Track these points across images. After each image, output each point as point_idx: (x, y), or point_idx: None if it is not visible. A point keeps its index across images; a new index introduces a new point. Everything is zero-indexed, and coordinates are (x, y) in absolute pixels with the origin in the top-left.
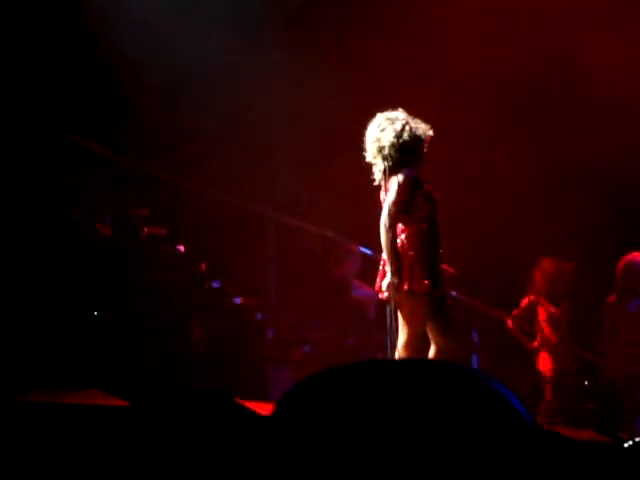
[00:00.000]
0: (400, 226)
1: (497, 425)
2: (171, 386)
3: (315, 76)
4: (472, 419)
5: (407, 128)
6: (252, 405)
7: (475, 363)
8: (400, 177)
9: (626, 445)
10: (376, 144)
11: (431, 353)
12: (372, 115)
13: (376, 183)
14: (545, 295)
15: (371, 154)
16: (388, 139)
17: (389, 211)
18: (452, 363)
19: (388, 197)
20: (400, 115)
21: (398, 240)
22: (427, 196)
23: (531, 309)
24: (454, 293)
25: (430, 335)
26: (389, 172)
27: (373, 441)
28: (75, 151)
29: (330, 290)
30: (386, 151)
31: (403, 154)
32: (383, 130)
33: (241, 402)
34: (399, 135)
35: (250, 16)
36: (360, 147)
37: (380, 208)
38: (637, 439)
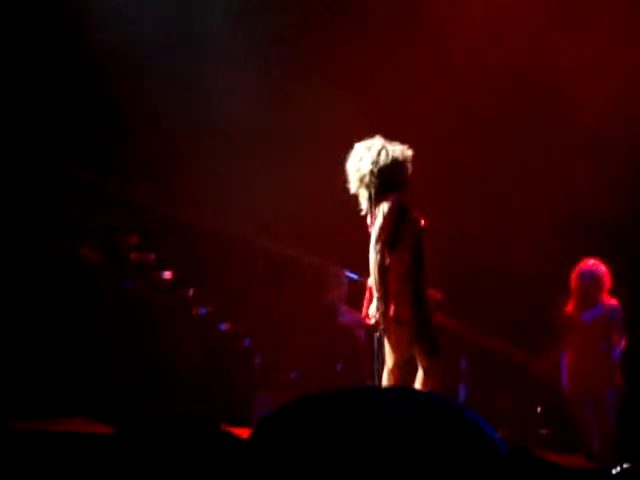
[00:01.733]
0: (387, 251)
1: (471, 453)
2: (156, 413)
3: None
4: (446, 448)
5: (383, 153)
6: (238, 431)
7: (463, 390)
8: (386, 204)
9: (614, 472)
10: (357, 174)
11: (418, 378)
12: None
13: (363, 212)
14: None
15: (354, 185)
16: (367, 167)
17: (377, 238)
18: (428, 393)
19: (376, 224)
20: (376, 141)
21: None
22: (413, 221)
23: None
24: (441, 319)
25: (417, 359)
26: (374, 199)
27: (346, 468)
28: (62, 176)
29: (319, 316)
30: (367, 179)
31: (384, 179)
32: (361, 159)
33: (226, 428)
34: (376, 161)
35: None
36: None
37: (367, 234)
38: (624, 465)
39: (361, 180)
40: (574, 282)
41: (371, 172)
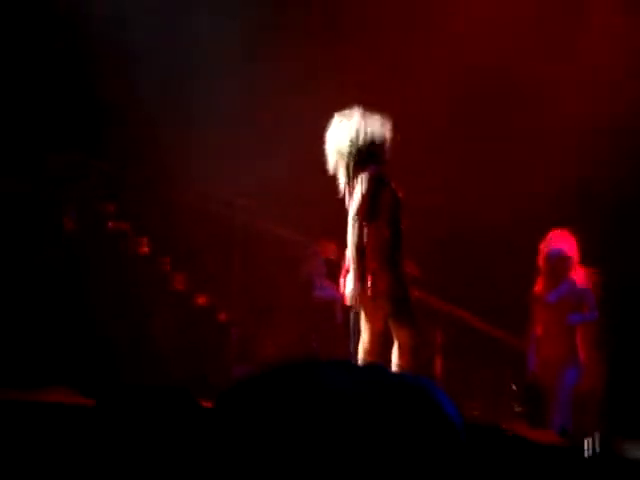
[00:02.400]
0: (366, 225)
1: (426, 428)
2: (134, 385)
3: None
4: (400, 423)
5: (362, 124)
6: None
7: (438, 364)
8: (364, 175)
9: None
10: (335, 146)
11: (394, 350)
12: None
13: (341, 185)
14: None
15: (332, 157)
16: (345, 139)
17: (357, 210)
18: (398, 374)
19: (354, 196)
20: (355, 114)
21: None
22: (392, 194)
23: None
24: (418, 294)
25: (393, 333)
26: (353, 172)
27: (302, 440)
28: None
29: (296, 290)
30: (345, 151)
31: (363, 151)
32: (340, 131)
33: (203, 401)
34: (355, 132)
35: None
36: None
37: (345, 207)
38: (596, 447)
39: (339, 152)
40: (541, 261)
41: (350, 144)
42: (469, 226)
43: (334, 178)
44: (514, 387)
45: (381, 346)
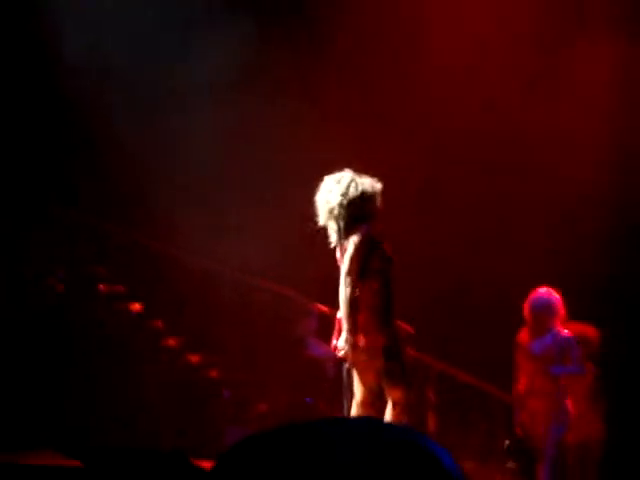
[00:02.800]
0: (357, 283)
1: None
2: (126, 448)
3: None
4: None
5: (353, 185)
6: (208, 465)
7: (431, 422)
8: (355, 236)
9: None
10: (326, 206)
11: (388, 408)
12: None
13: (332, 245)
14: None
15: (323, 217)
16: (336, 199)
17: (347, 270)
18: (393, 425)
19: (345, 257)
20: (346, 174)
21: None
22: (383, 254)
23: None
24: (410, 351)
25: (386, 391)
26: (344, 231)
27: None
28: (29, 207)
29: (288, 349)
30: (336, 211)
31: (353, 211)
32: (330, 192)
33: (196, 462)
34: (345, 193)
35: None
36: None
37: (336, 267)
38: None
39: (330, 212)
40: (526, 310)
41: (340, 204)
42: (461, 283)
43: (326, 237)
44: (507, 443)
45: (375, 403)
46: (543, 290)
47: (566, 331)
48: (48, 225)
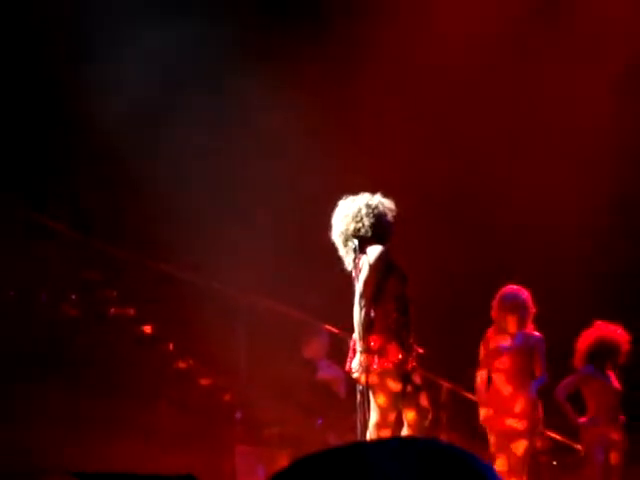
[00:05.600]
0: (372, 304)
1: None
2: (137, 474)
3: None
4: None
5: (367, 207)
6: None
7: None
8: (371, 258)
9: None
10: (342, 229)
11: (404, 429)
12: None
13: (348, 267)
14: None
15: (339, 240)
16: (351, 222)
17: (363, 291)
18: (429, 440)
19: (360, 278)
20: (360, 197)
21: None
22: (398, 274)
23: None
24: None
25: (402, 411)
26: (359, 253)
27: None
28: (42, 232)
29: (298, 370)
30: (351, 233)
31: (369, 233)
32: (346, 215)
33: None
34: (360, 215)
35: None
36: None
37: (351, 288)
38: None
39: (346, 235)
40: (494, 309)
41: (356, 227)
42: (469, 302)
43: (338, 258)
44: None
45: (390, 424)
46: (512, 287)
47: (537, 333)
48: (59, 249)
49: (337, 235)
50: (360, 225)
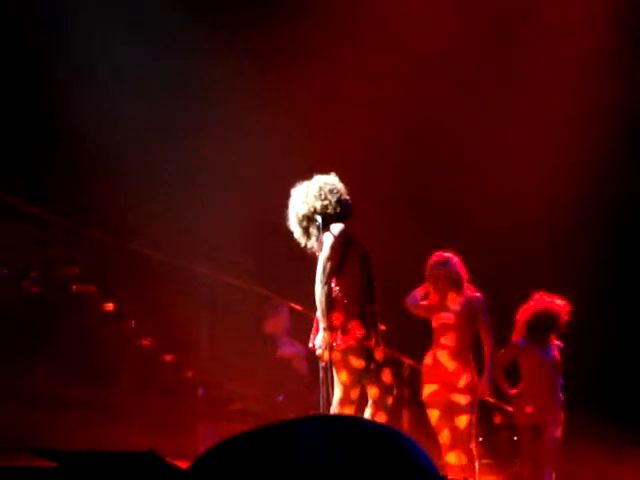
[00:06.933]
0: (334, 281)
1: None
2: (99, 450)
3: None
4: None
5: (327, 184)
6: (181, 463)
7: (406, 417)
8: (332, 233)
9: None
10: (301, 210)
11: (368, 406)
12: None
13: (310, 247)
14: None
15: (298, 221)
16: (317, 200)
17: (324, 267)
18: (376, 425)
19: (322, 253)
20: (315, 179)
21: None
22: (361, 251)
23: None
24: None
25: (367, 390)
26: (321, 232)
27: None
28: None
29: (260, 347)
30: (319, 210)
31: (337, 209)
32: (306, 196)
33: (169, 461)
34: (324, 192)
35: None
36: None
37: (312, 264)
38: None
39: (305, 216)
40: (427, 275)
41: (322, 204)
42: None
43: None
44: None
45: (353, 401)
46: (444, 253)
47: (477, 294)
48: (19, 226)
49: (297, 220)
50: (327, 202)
